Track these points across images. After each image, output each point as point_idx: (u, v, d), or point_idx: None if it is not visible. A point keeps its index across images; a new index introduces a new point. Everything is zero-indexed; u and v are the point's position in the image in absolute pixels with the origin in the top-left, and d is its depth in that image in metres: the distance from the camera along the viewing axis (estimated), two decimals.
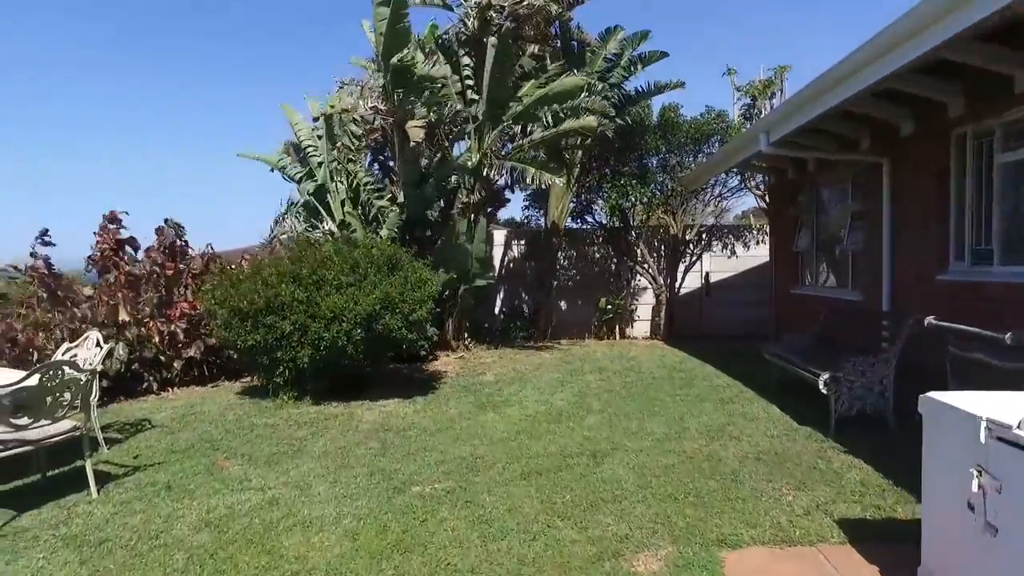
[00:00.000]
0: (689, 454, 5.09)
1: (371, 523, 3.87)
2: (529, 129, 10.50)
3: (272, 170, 10.87)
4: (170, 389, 7.84)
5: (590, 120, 9.82)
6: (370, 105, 9.64)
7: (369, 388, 7.41)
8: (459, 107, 10.19)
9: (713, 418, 6.18)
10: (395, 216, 9.55)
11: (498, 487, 4.44)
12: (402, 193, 9.68)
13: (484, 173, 10.01)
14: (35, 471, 4.79)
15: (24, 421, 4.02)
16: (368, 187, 9.97)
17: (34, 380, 3.94)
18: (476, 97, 10.43)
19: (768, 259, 12.05)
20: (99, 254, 8.13)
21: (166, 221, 8.54)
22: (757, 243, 13.31)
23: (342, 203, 9.62)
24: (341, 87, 11.11)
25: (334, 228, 9.55)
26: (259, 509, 4.11)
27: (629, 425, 6.04)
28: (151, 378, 7.62)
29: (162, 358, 7.71)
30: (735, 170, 12.26)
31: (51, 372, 4.03)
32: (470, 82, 10.38)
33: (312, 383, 6.79)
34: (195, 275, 8.42)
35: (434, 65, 10.06)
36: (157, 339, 7.59)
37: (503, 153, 10.01)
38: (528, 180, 9.96)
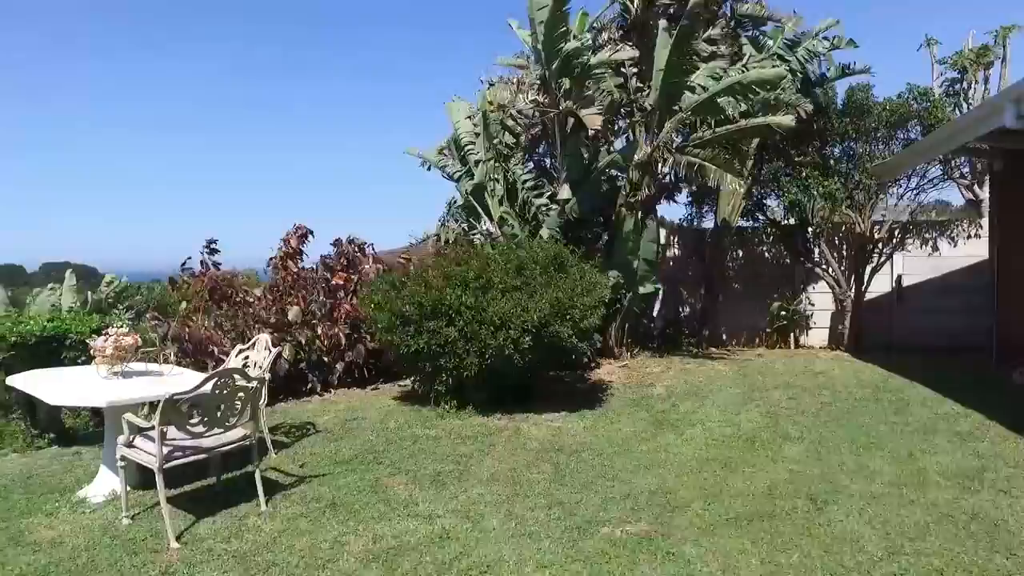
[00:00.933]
0: (943, 509, 4.04)
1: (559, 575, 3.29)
2: (708, 121, 9.52)
3: (429, 168, 10.81)
4: (331, 391, 7.82)
5: (785, 119, 8.69)
6: (530, 99, 9.18)
7: (532, 399, 6.91)
8: (625, 97, 9.47)
9: (956, 459, 5.01)
10: (555, 215, 9.02)
11: (703, 535, 3.70)
12: (563, 190, 9.13)
13: (655, 168, 9.21)
14: (211, 473, 4.71)
15: (200, 428, 3.87)
16: (526, 185, 9.52)
17: (208, 387, 3.77)
18: (641, 85, 9.67)
19: (987, 258, 10.20)
20: (278, 258, 8.34)
21: (350, 240, 8.70)
22: (967, 239, 11.35)
23: (499, 202, 9.25)
24: (490, 86, 10.80)
25: (492, 228, 9.21)
26: (429, 543, 3.67)
27: (842, 460, 5.04)
28: (315, 379, 7.63)
29: (326, 360, 7.71)
30: (940, 157, 10.51)
31: (223, 380, 3.84)
32: (634, 70, 9.64)
33: (475, 393, 6.40)
34: (360, 276, 8.41)
35: (595, 53, 9.42)
36: (322, 341, 7.59)
37: (675, 147, 9.12)
38: (707, 179, 8.97)
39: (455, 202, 10.67)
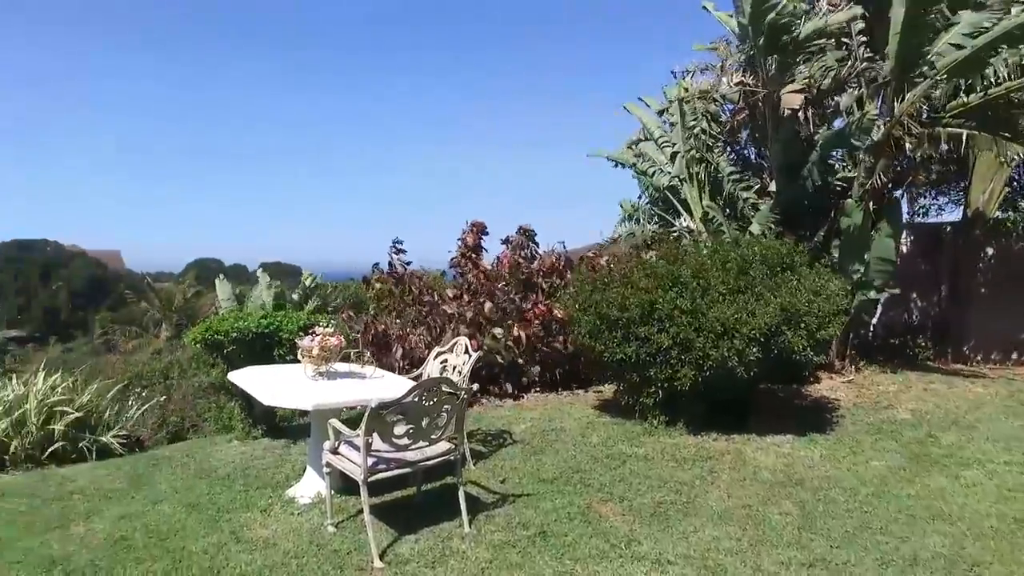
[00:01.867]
0: None
1: None
2: (964, 87, 7.88)
3: (616, 165, 10.23)
4: (524, 395, 7.47)
5: None
6: (735, 81, 8.19)
7: (748, 416, 6.02)
8: (851, 69, 8.14)
9: None
10: (766, 209, 7.97)
11: None
12: (776, 180, 8.04)
13: (892, 150, 7.79)
14: (411, 482, 4.47)
15: (405, 441, 3.58)
16: (731, 177, 8.55)
17: (414, 397, 3.46)
18: (872, 54, 8.27)
19: None
20: (459, 256, 8.17)
21: (522, 231, 8.25)
22: None
23: (702, 196, 8.38)
24: (684, 75, 9.90)
25: (693, 225, 8.37)
26: None
27: None
28: (507, 383, 7.32)
29: (519, 362, 7.37)
30: None
31: (430, 390, 3.51)
32: (862, 38, 8.26)
33: (687, 408, 5.66)
34: (546, 273, 7.98)
35: (809, 19, 8.16)
36: (516, 343, 7.26)
37: (925, 119, 7.61)
38: (978, 151, 7.35)
39: (641, 200, 9.98)
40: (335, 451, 3.73)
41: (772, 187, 8.07)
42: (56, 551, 3.76)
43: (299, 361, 4.66)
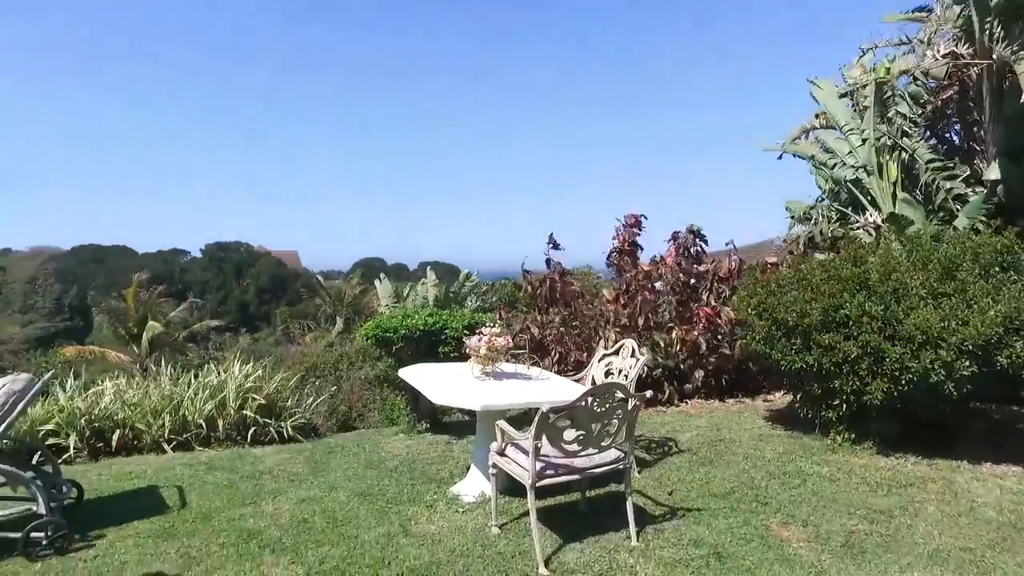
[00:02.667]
0: None
1: None
2: None
3: (780, 156, 9.45)
4: (687, 402, 7.10)
5: None
6: (942, 53, 7.20)
7: (956, 439, 5.25)
8: None
9: None
10: (978, 200, 6.95)
11: None
12: (993, 168, 6.98)
13: None
14: (576, 488, 4.35)
15: (574, 447, 3.45)
16: (931, 166, 7.56)
17: (586, 402, 3.32)
18: None
19: None
20: (616, 255, 7.92)
21: (690, 229, 7.83)
22: None
23: (893, 188, 7.49)
24: (864, 52, 8.87)
25: (880, 220, 7.50)
26: None
27: None
28: (670, 388, 6.99)
29: (682, 367, 7.02)
30: None
31: (602, 395, 3.36)
32: None
33: (878, 425, 5.04)
34: (721, 279, 7.52)
35: None
36: (679, 346, 6.92)
37: None
38: None
39: (820, 197, 9.10)
40: (502, 452, 3.69)
41: (990, 174, 7.00)
42: (251, 525, 4.07)
43: (464, 359, 4.72)
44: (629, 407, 3.48)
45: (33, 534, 3.66)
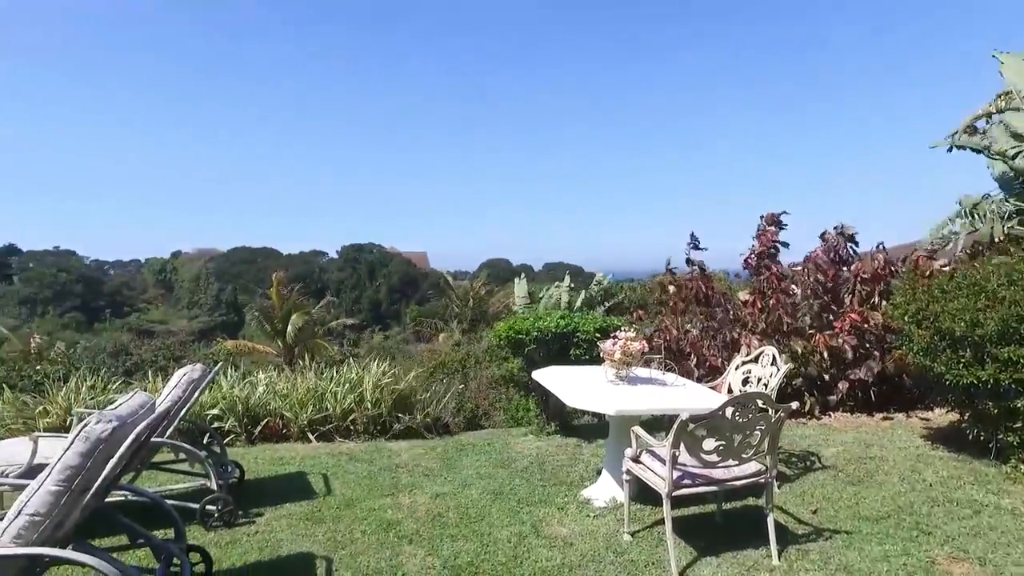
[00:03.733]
0: None
1: None
2: None
3: (949, 150, 8.58)
4: (829, 414, 6.63)
5: None
6: None
7: None
8: None
9: None
10: None
11: None
12: None
13: None
14: (710, 500, 4.19)
15: (714, 458, 3.32)
16: None
17: (727, 412, 3.18)
18: None
19: None
20: (754, 256, 7.52)
21: (839, 231, 7.30)
22: None
23: None
24: None
25: None
26: None
27: None
28: (811, 399, 6.56)
29: (825, 376, 6.56)
30: None
31: (744, 405, 3.21)
32: None
33: None
34: (864, 280, 6.96)
35: None
36: (821, 354, 6.48)
37: None
38: None
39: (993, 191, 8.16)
40: (636, 459, 3.62)
41: None
42: (390, 516, 4.26)
43: (596, 362, 4.68)
44: (773, 419, 3.29)
45: (208, 507, 4.04)
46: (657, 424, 5.51)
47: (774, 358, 4.50)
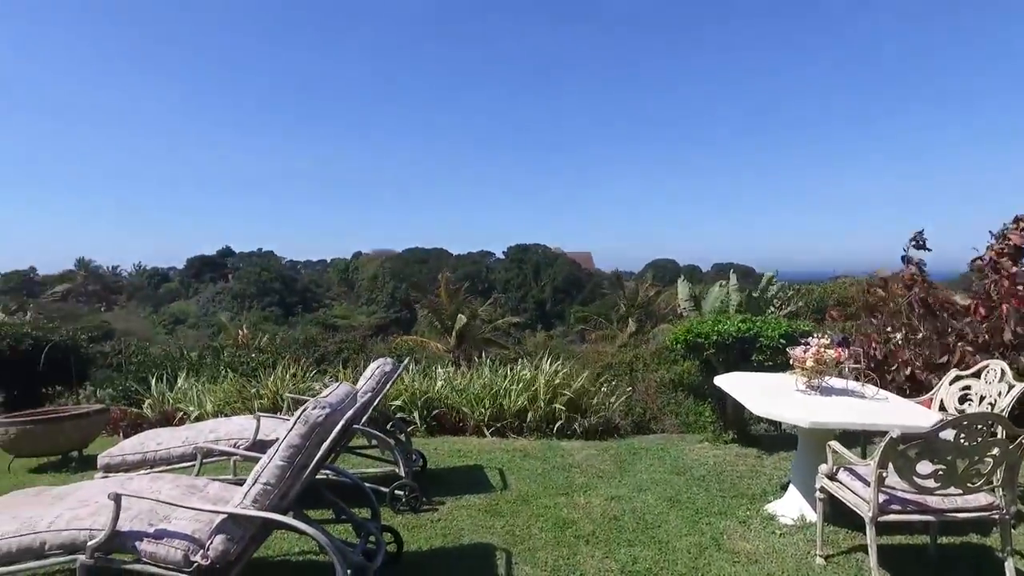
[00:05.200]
0: None
1: None
2: None
3: None
4: None
5: None
6: None
7: None
8: None
9: None
10: None
11: None
12: None
13: None
14: (919, 530, 3.76)
15: (930, 484, 2.96)
16: None
17: (949, 433, 2.82)
18: None
19: None
20: (988, 260, 6.57)
21: None
22: None
23: None
24: None
25: None
26: None
27: None
28: None
29: None
30: None
31: (971, 428, 2.82)
32: None
33: None
34: None
35: None
36: None
37: None
38: None
39: None
40: (832, 476, 3.33)
41: None
42: (565, 514, 4.29)
43: (779, 369, 4.38)
44: (1011, 445, 2.86)
45: (396, 491, 4.33)
46: (849, 440, 5.04)
47: (1002, 373, 3.93)
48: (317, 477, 3.68)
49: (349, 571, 2.78)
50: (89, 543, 2.67)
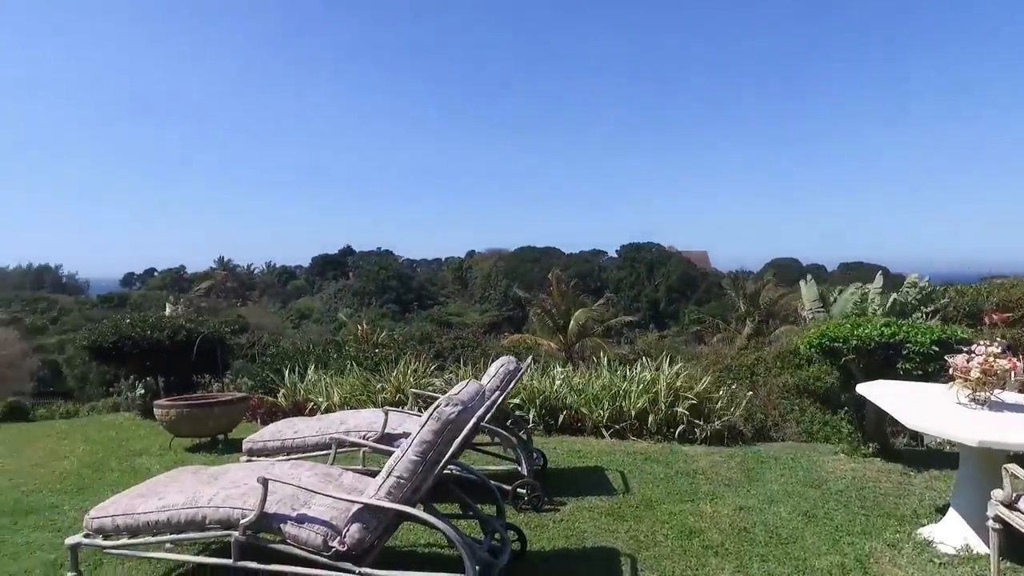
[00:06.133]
0: None
1: None
2: None
3: None
4: None
5: None
6: None
7: None
8: None
9: None
10: None
11: None
12: None
13: None
14: None
15: None
16: None
17: None
18: None
19: None
20: None
21: None
22: None
23: None
24: None
25: None
26: None
27: None
28: None
29: None
30: None
31: None
32: None
33: None
34: None
35: None
36: None
37: None
38: None
39: None
40: (1011, 504, 2.96)
41: None
42: (691, 523, 4.13)
43: (929, 379, 3.97)
44: None
45: (519, 490, 4.34)
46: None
47: None
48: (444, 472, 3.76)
49: (477, 567, 2.79)
50: (242, 521, 2.85)
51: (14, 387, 15.67)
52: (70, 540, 3.21)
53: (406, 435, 4.23)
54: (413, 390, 5.90)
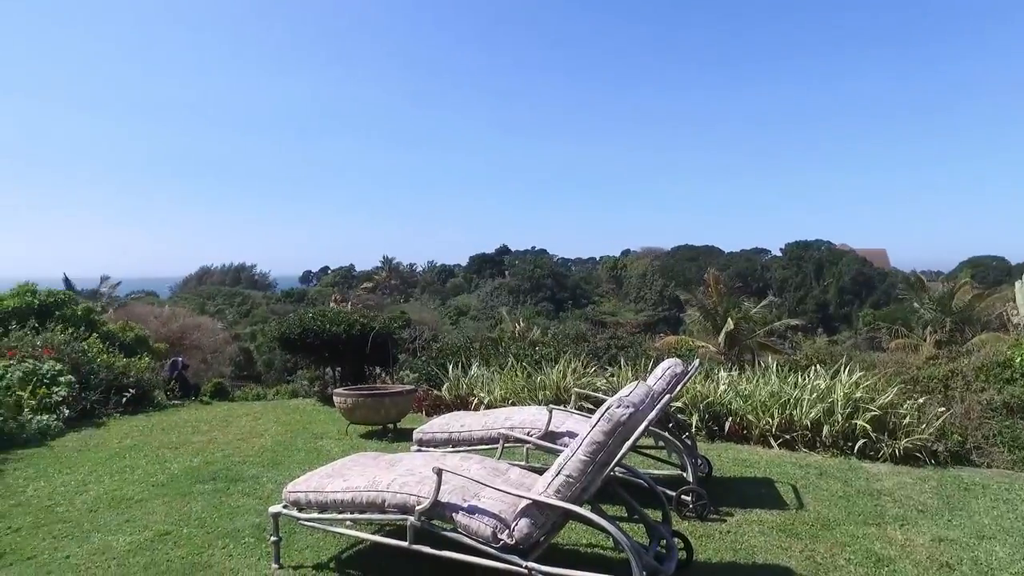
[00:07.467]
0: None
1: None
2: None
3: None
4: None
5: None
6: None
7: None
8: None
9: None
10: None
11: None
12: None
13: None
14: None
15: None
16: None
17: None
18: None
19: None
20: None
21: None
22: None
23: None
24: None
25: None
26: None
27: None
28: None
29: None
30: None
31: None
32: None
33: None
34: None
35: None
36: None
37: None
38: None
39: None
40: None
41: None
42: (879, 549, 3.75)
43: None
44: None
45: (683, 496, 4.20)
46: None
47: None
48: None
49: (644, 573, 2.73)
50: (417, 507, 3.01)
51: (219, 370, 17.96)
52: (272, 509, 3.57)
53: (569, 433, 4.25)
54: (576, 389, 5.92)
